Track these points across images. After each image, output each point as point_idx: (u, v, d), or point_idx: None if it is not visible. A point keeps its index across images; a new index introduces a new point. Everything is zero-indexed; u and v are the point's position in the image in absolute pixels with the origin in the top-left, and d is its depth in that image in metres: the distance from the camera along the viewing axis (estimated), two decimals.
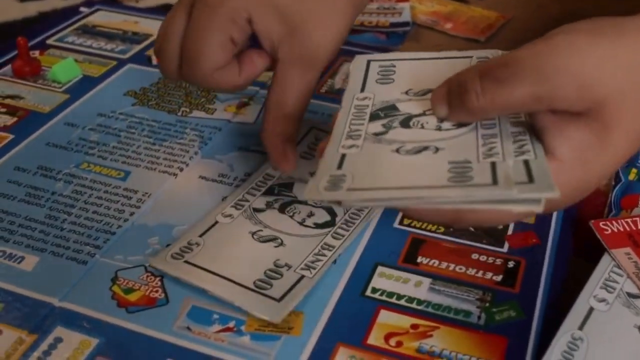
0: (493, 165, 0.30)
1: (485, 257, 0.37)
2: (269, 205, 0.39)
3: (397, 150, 0.32)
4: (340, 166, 0.31)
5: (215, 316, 0.33)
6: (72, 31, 0.60)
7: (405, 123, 0.34)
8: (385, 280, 0.36)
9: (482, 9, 0.66)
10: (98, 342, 0.32)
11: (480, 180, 0.29)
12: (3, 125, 0.47)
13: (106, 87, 0.52)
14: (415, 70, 0.37)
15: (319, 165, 0.31)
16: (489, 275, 0.36)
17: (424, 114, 0.34)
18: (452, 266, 0.37)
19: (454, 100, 0.32)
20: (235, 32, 0.37)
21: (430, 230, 0.39)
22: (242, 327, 0.33)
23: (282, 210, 0.39)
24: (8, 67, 0.54)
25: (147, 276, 0.36)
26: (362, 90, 0.36)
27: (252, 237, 0.37)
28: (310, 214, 0.39)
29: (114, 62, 0.55)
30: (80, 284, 0.35)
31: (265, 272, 0.35)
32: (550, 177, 0.28)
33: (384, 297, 0.34)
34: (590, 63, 0.29)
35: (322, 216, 0.39)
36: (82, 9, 0.65)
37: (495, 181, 0.29)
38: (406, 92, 0.36)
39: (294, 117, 0.39)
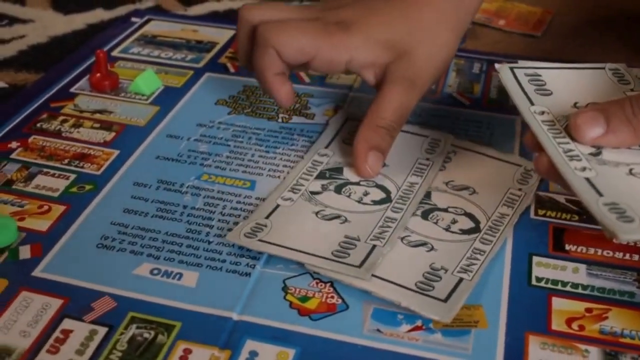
0: (373, 248, 0.36)
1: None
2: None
3: (317, 214, 0.38)
4: (268, 216, 0.38)
5: (400, 317, 0.33)
6: (133, 42, 0.59)
7: (339, 189, 0.41)
8: (544, 269, 0.37)
9: (527, 5, 0.68)
10: (295, 352, 0.31)
11: (352, 260, 0.35)
12: (103, 141, 0.46)
13: (193, 97, 0.51)
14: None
15: (256, 210, 0.38)
16: (635, 257, 0.37)
17: (358, 183, 0.41)
18: (599, 251, 0.38)
19: (613, 116, 0.34)
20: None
21: (566, 219, 0.40)
22: (430, 325, 0.33)
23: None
24: (83, 82, 0.52)
25: (317, 283, 0.35)
26: (327, 146, 0.43)
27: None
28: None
29: (191, 72, 0.54)
30: (253, 296, 0.34)
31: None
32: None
33: (549, 285, 0.36)
34: None
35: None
36: (133, 19, 0.64)
37: (361, 265, 0.35)
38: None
39: (388, 130, 0.42)
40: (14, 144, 0.45)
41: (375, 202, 0.40)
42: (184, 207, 0.40)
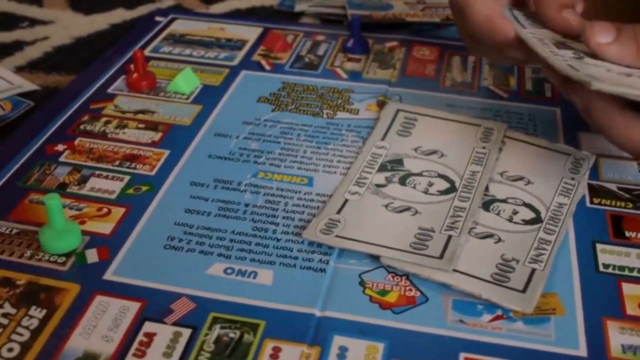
0: (449, 238, 0.37)
1: None
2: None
3: (387, 206, 0.39)
4: (339, 211, 0.38)
5: (480, 307, 0.34)
6: (162, 41, 0.58)
7: (403, 180, 0.41)
8: (609, 256, 0.37)
9: None
10: (384, 345, 0.31)
11: (432, 252, 0.36)
12: (151, 141, 0.45)
13: (234, 96, 0.50)
14: (432, 129, 0.45)
15: (325, 206, 0.39)
16: None
17: (420, 174, 0.41)
18: None
19: (623, 31, 0.36)
20: None
21: (621, 207, 0.40)
22: (511, 314, 0.33)
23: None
24: (119, 82, 0.51)
25: (393, 276, 0.35)
26: (383, 138, 0.44)
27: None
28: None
29: (227, 70, 0.53)
30: (331, 292, 0.34)
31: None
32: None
33: (617, 271, 0.36)
34: None
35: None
36: (157, 18, 0.63)
37: (442, 256, 0.35)
38: (415, 149, 0.44)
39: None
40: (60, 147, 0.44)
41: (441, 192, 0.40)
42: (246, 205, 0.40)
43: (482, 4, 0.42)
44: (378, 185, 0.41)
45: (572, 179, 0.43)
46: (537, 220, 0.40)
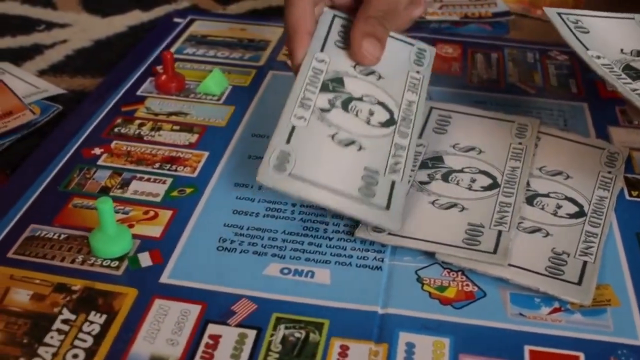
0: (499, 233, 0.37)
1: None
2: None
3: (433, 203, 0.39)
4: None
5: (537, 300, 0.34)
6: (184, 43, 0.57)
7: (445, 177, 0.41)
8: None
9: None
10: (449, 340, 0.32)
11: (485, 247, 0.36)
12: (189, 143, 0.44)
13: (265, 96, 0.50)
14: (467, 126, 0.45)
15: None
16: None
17: (462, 171, 0.42)
18: None
19: None
20: None
21: None
22: (568, 306, 0.34)
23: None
24: (147, 84, 0.50)
25: (448, 272, 0.36)
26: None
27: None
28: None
29: (254, 70, 0.53)
30: (390, 289, 0.34)
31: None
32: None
33: None
34: None
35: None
36: (176, 19, 0.62)
37: (495, 250, 0.36)
38: (453, 146, 0.44)
39: (379, 19, 0.41)
40: (97, 150, 0.43)
41: (484, 188, 0.41)
42: (293, 205, 0.39)
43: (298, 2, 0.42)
44: (422, 183, 0.41)
45: (609, 172, 0.43)
46: (581, 213, 0.40)
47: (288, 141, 0.37)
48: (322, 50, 0.42)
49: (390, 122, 0.40)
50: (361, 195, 0.36)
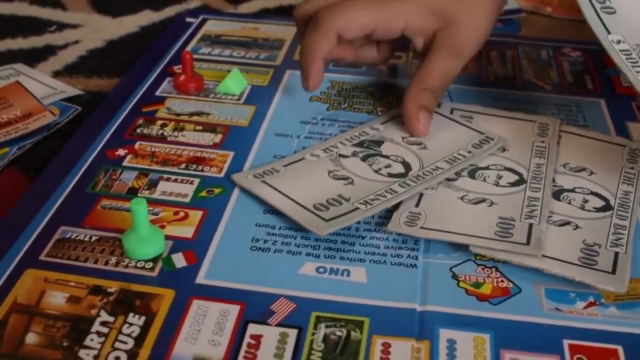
0: (530, 226, 0.38)
1: None
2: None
3: (462, 198, 0.40)
4: (418, 204, 0.39)
5: (572, 294, 0.34)
6: (199, 42, 0.57)
7: (472, 174, 0.42)
8: None
9: None
10: (489, 336, 0.32)
11: (518, 238, 0.37)
12: (213, 143, 0.44)
13: (285, 95, 0.50)
14: (489, 126, 0.46)
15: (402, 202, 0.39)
16: None
17: (487, 167, 0.42)
18: None
19: None
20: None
21: None
22: (602, 300, 0.34)
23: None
24: (165, 84, 0.50)
25: (483, 268, 0.36)
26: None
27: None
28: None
29: (271, 70, 0.53)
30: (426, 286, 0.34)
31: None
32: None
33: None
34: None
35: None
36: (188, 19, 0.62)
37: (528, 242, 0.36)
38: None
39: (434, 92, 0.45)
40: (121, 151, 0.43)
41: (511, 184, 0.41)
42: None
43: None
44: (449, 180, 0.41)
45: (632, 168, 0.44)
46: (607, 207, 0.41)
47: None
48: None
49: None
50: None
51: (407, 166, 0.42)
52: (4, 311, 0.33)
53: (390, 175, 0.41)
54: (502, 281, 0.35)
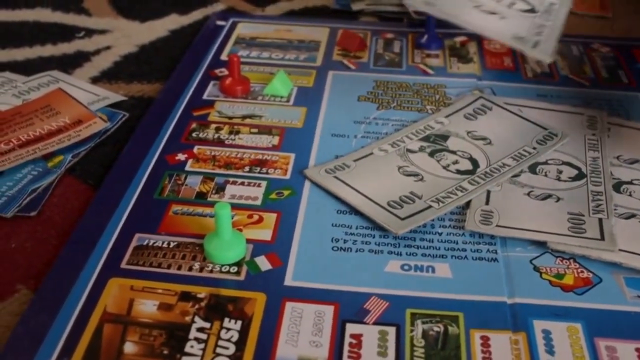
0: (600, 221, 0.38)
1: None
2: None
3: (528, 194, 0.40)
4: (487, 202, 0.39)
5: None
6: (235, 45, 0.57)
7: (533, 169, 0.43)
8: None
9: None
10: (581, 325, 0.32)
11: (592, 234, 0.37)
12: (272, 145, 0.44)
13: (332, 96, 0.50)
14: (540, 119, 0.46)
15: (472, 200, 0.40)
16: None
17: (546, 162, 0.43)
18: None
19: None
20: None
21: None
22: None
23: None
24: (211, 88, 0.49)
25: (561, 260, 0.36)
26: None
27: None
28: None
29: (314, 71, 0.53)
30: (511, 279, 0.35)
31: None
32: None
33: None
34: None
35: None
36: (219, 22, 0.61)
37: (602, 237, 0.37)
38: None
39: None
40: (181, 156, 0.43)
41: (572, 179, 0.42)
42: None
43: None
44: (514, 176, 0.42)
45: None
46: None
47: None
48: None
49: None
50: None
51: (474, 163, 0.43)
52: (95, 321, 0.32)
53: (458, 172, 0.42)
54: (582, 272, 0.36)
